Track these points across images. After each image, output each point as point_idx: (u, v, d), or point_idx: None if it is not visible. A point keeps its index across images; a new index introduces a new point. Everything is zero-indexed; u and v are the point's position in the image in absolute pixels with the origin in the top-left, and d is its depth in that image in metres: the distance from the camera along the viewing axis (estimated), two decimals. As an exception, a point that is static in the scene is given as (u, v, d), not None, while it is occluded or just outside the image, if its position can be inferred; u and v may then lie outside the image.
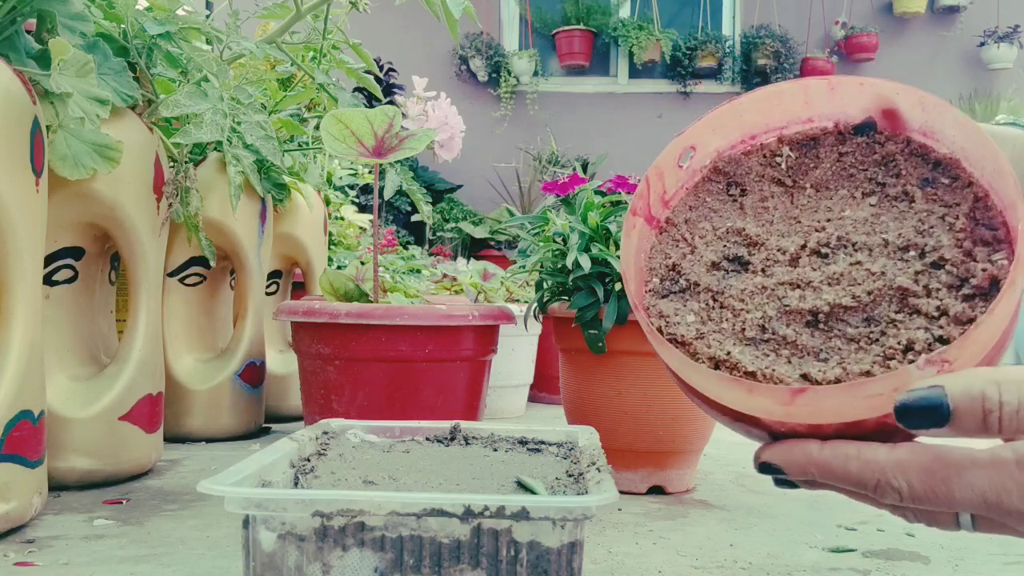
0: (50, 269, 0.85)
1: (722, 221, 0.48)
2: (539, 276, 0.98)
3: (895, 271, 0.40)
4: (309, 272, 1.41)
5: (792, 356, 0.40)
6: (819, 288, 0.41)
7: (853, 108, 0.45)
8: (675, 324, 0.45)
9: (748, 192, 0.48)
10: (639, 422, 0.89)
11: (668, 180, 0.49)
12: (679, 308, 0.46)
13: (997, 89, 4.50)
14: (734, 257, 0.46)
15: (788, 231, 0.45)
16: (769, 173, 0.48)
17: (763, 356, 0.41)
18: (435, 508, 0.42)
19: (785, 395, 0.37)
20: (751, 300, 0.43)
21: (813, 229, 0.44)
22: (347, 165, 1.73)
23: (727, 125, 0.49)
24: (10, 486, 0.68)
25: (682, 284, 0.47)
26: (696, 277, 0.46)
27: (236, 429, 1.18)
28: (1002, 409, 0.32)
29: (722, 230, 0.47)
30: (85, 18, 0.82)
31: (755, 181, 0.48)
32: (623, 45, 4.65)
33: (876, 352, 0.38)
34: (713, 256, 0.47)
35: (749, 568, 0.66)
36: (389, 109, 0.93)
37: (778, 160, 0.48)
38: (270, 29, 1.22)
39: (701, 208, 0.49)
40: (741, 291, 0.44)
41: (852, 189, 0.45)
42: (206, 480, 0.43)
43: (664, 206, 0.49)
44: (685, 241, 0.48)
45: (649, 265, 0.48)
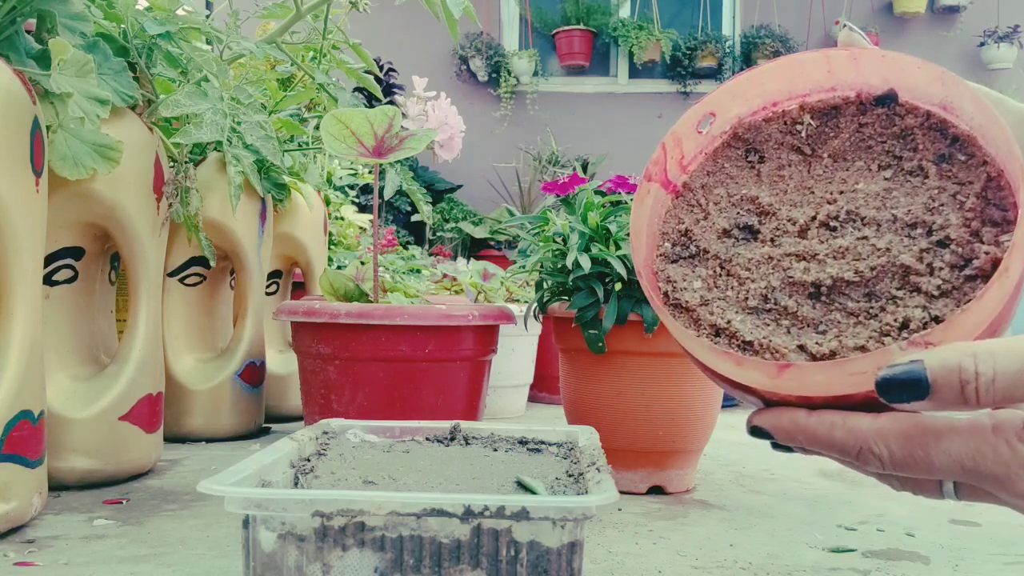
0: (50, 269, 0.85)
1: (737, 188, 0.48)
2: (539, 276, 0.98)
3: (900, 248, 0.40)
4: (309, 272, 1.41)
5: (792, 327, 0.41)
6: (824, 261, 0.42)
7: (876, 79, 0.45)
8: (681, 290, 0.45)
9: (766, 159, 0.48)
10: (639, 422, 0.89)
11: (687, 145, 0.49)
12: (687, 274, 0.46)
13: (997, 89, 4.49)
14: (745, 226, 0.46)
15: (800, 201, 0.45)
16: (789, 140, 0.48)
17: (763, 326, 0.42)
18: (435, 508, 0.42)
19: (772, 369, 0.38)
20: (757, 270, 0.44)
21: (825, 201, 0.44)
22: (347, 165, 1.73)
23: (748, 92, 0.49)
24: (10, 486, 0.68)
25: (692, 250, 0.47)
26: (706, 244, 0.47)
27: (236, 429, 1.18)
28: (978, 380, 0.32)
29: (736, 197, 0.47)
30: (85, 18, 0.82)
31: (774, 148, 0.48)
32: (623, 45, 4.65)
33: (873, 328, 0.39)
34: (725, 223, 0.47)
35: (749, 568, 0.66)
36: (389, 109, 0.93)
37: (799, 128, 0.48)
38: (270, 29, 1.22)
39: (718, 174, 0.49)
40: (748, 260, 0.45)
41: (869, 161, 0.45)
42: (206, 480, 0.43)
43: (682, 170, 0.49)
44: (700, 207, 0.48)
45: (663, 229, 0.48)
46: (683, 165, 0.49)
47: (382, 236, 2.23)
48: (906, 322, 0.38)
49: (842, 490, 0.94)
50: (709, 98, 0.48)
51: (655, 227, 0.48)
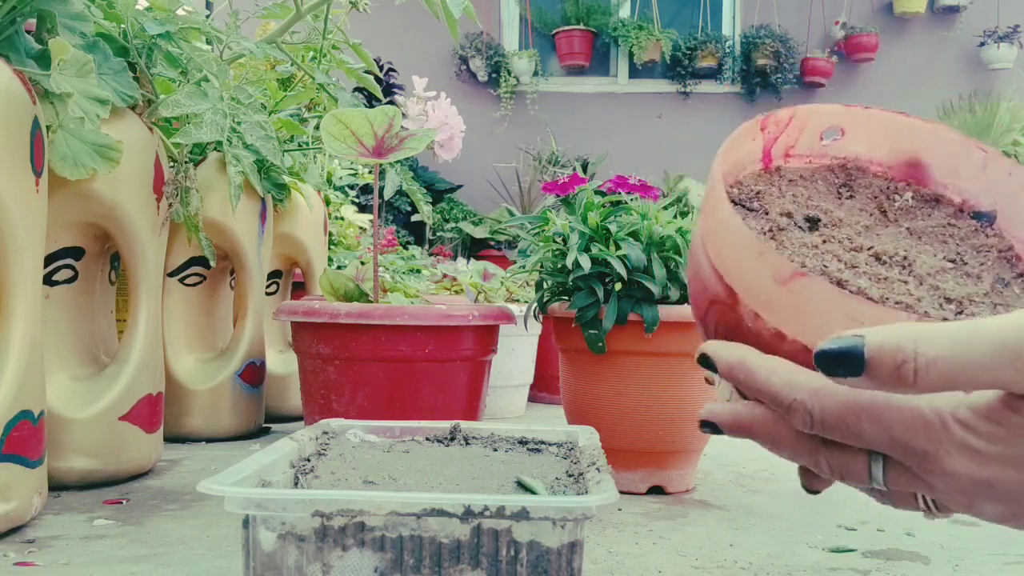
0: (50, 269, 0.85)
1: (818, 200, 0.49)
2: (539, 276, 0.98)
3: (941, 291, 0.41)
4: (309, 272, 1.41)
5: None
6: (860, 273, 0.43)
7: (987, 197, 0.46)
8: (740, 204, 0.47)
9: (854, 199, 0.49)
10: (639, 422, 0.89)
11: (803, 140, 0.50)
12: (741, 215, 0.47)
13: (997, 89, 4.49)
14: (809, 218, 0.47)
15: (864, 234, 0.47)
16: (882, 201, 0.49)
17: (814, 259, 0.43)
18: (435, 508, 0.42)
19: (786, 270, 0.38)
20: (799, 248, 0.45)
21: (885, 245, 0.45)
22: (347, 165, 1.73)
23: (879, 134, 0.49)
24: (10, 486, 0.68)
25: (754, 206, 0.48)
26: (768, 207, 0.47)
27: (236, 429, 1.18)
28: (916, 360, 0.32)
29: (813, 203, 0.49)
30: (85, 18, 0.82)
31: (866, 197, 0.49)
32: (623, 45, 4.65)
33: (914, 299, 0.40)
34: (792, 207, 0.48)
35: (749, 568, 0.66)
36: (389, 109, 0.93)
37: (897, 197, 0.49)
38: (270, 29, 1.22)
39: (808, 185, 0.50)
40: (797, 239, 0.46)
41: (938, 248, 0.45)
42: (206, 480, 0.43)
43: (784, 157, 0.50)
44: (778, 190, 0.49)
45: (737, 174, 0.49)
46: (788, 153, 0.50)
47: (382, 236, 2.23)
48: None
49: (842, 490, 0.94)
50: (851, 113, 0.49)
51: (735, 164, 0.49)
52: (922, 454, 0.33)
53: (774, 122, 0.49)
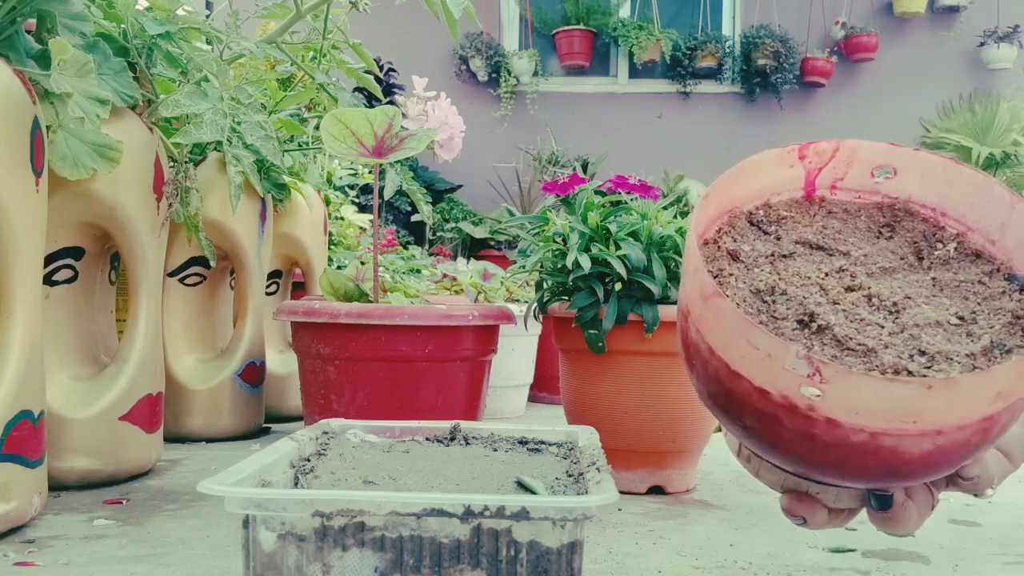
0: (50, 269, 0.85)
1: (853, 238, 0.49)
2: (539, 276, 0.98)
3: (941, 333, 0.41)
4: (309, 272, 1.41)
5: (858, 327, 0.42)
6: (854, 312, 0.42)
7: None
8: (734, 237, 0.46)
9: (893, 239, 0.49)
10: (639, 422, 0.89)
11: (852, 175, 0.49)
12: (749, 235, 0.47)
13: (997, 89, 4.49)
14: (822, 249, 0.47)
15: (879, 275, 0.46)
16: (922, 246, 0.48)
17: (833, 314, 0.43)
18: (435, 508, 0.42)
19: (708, 288, 0.39)
20: (791, 276, 0.45)
21: (897, 290, 0.44)
22: (347, 165, 1.73)
23: (935, 182, 0.48)
24: (10, 486, 0.68)
25: (769, 229, 0.48)
26: (783, 234, 0.47)
27: (236, 429, 1.18)
28: None
29: (840, 237, 0.48)
30: (85, 18, 0.82)
31: (906, 239, 0.48)
32: (623, 45, 4.65)
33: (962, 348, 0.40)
34: (811, 237, 0.48)
35: (749, 568, 0.66)
36: (389, 109, 0.93)
37: (939, 246, 0.48)
38: (270, 29, 1.22)
39: (847, 219, 0.50)
40: (793, 268, 0.46)
41: (953, 304, 0.44)
42: (206, 480, 0.43)
43: (831, 189, 0.50)
44: (808, 219, 0.49)
45: (771, 198, 0.49)
46: (835, 184, 0.50)
47: (382, 236, 2.23)
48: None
49: (842, 490, 0.94)
50: (904, 152, 0.48)
51: (765, 188, 0.49)
52: None
53: (815, 152, 0.48)
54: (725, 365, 0.40)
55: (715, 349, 0.40)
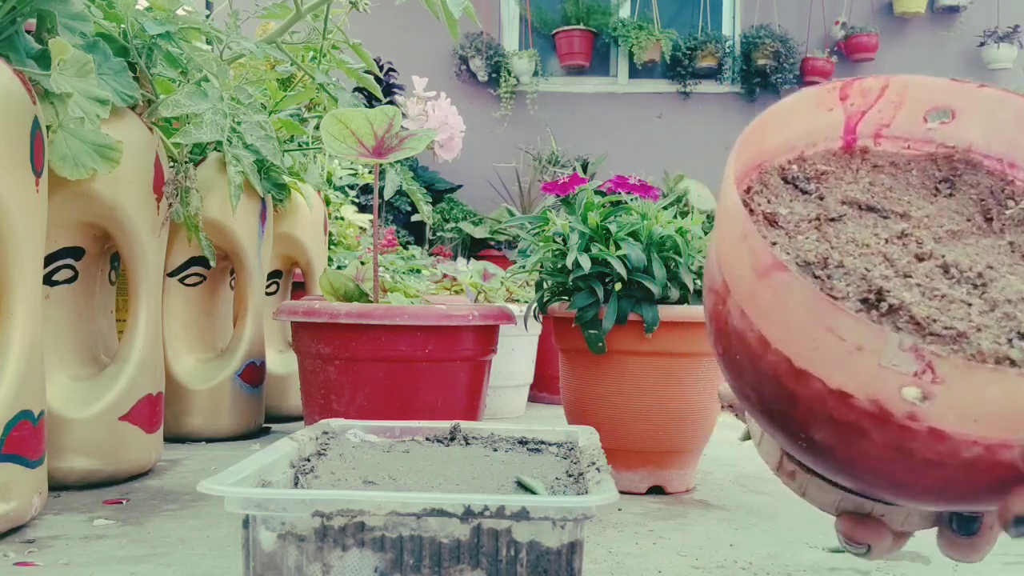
0: (50, 269, 0.85)
1: (904, 194, 0.41)
2: (539, 276, 0.98)
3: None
4: (309, 272, 1.41)
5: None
6: (910, 282, 0.35)
7: None
8: (768, 199, 0.39)
9: (954, 197, 0.41)
10: (639, 422, 0.89)
11: (901, 119, 0.41)
12: (785, 196, 0.40)
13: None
14: (875, 209, 0.39)
15: (944, 239, 0.38)
16: (991, 204, 0.40)
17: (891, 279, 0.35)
18: (435, 508, 0.42)
19: (765, 259, 0.30)
20: (845, 244, 0.37)
21: (965, 257, 0.37)
22: (347, 165, 1.73)
23: (1006, 126, 0.40)
24: (10, 486, 0.68)
25: (808, 187, 0.40)
26: (826, 192, 0.40)
27: (236, 429, 1.18)
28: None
29: (892, 195, 0.40)
30: (85, 18, 0.82)
31: (971, 198, 0.40)
32: (623, 45, 4.65)
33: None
34: (860, 196, 0.40)
35: (749, 568, 0.66)
36: (389, 109, 0.93)
37: (1010, 204, 0.40)
38: (270, 29, 1.22)
39: (897, 174, 0.42)
40: (846, 233, 0.38)
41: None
42: (206, 480, 0.43)
43: (875, 138, 0.42)
44: (852, 174, 0.41)
45: (806, 151, 0.41)
46: (879, 132, 0.42)
47: (382, 236, 2.23)
48: None
49: (842, 490, 0.94)
50: (961, 90, 0.40)
51: (798, 137, 0.41)
52: None
53: (860, 92, 0.40)
54: (786, 360, 0.32)
55: (771, 340, 0.32)
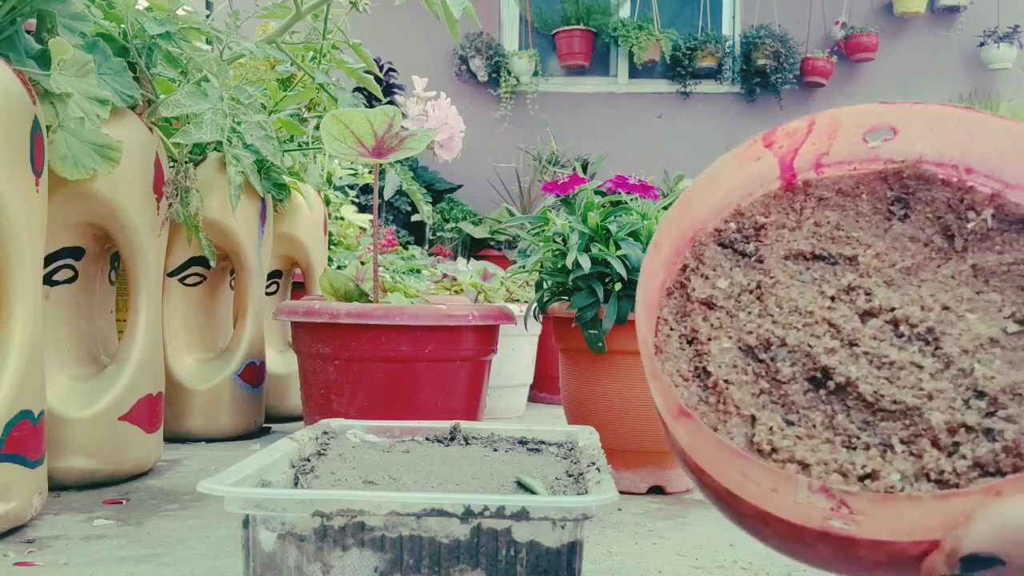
0: (50, 269, 0.85)
1: (853, 228, 0.38)
2: (539, 276, 0.98)
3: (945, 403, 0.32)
4: (309, 272, 1.41)
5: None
6: (857, 357, 0.34)
7: None
8: (704, 275, 0.38)
9: (908, 220, 0.38)
10: (639, 422, 0.89)
11: (838, 144, 0.39)
12: (724, 264, 0.38)
13: (997, 89, 4.49)
14: (824, 258, 0.38)
15: (899, 281, 0.36)
16: (949, 220, 0.37)
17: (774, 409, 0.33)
18: (435, 508, 0.42)
19: (672, 406, 0.30)
20: (788, 316, 0.36)
21: (919, 304, 0.35)
22: (347, 165, 1.73)
23: (950, 135, 0.37)
24: (10, 486, 0.68)
25: (747, 248, 0.39)
26: (765, 252, 0.38)
27: (236, 429, 1.18)
28: None
29: (843, 235, 0.38)
30: (85, 18, 0.82)
31: (926, 217, 0.38)
32: (623, 45, 4.65)
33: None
34: (805, 246, 0.38)
35: (749, 568, 0.66)
36: (389, 109, 0.93)
37: (971, 216, 0.37)
38: (270, 29, 1.22)
39: (845, 204, 0.39)
40: (790, 300, 0.36)
41: (1007, 301, 0.34)
42: (206, 480, 0.43)
43: (815, 167, 0.39)
44: (797, 218, 0.39)
45: (742, 206, 0.39)
46: (819, 162, 0.40)
47: (382, 236, 2.23)
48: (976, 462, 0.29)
49: (842, 490, 0.94)
50: (899, 108, 0.38)
51: (730, 193, 0.39)
52: None
53: (785, 134, 0.39)
54: (724, 488, 0.31)
55: (706, 470, 0.32)
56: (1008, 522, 0.25)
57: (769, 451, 0.32)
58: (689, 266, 0.38)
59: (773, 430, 0.32)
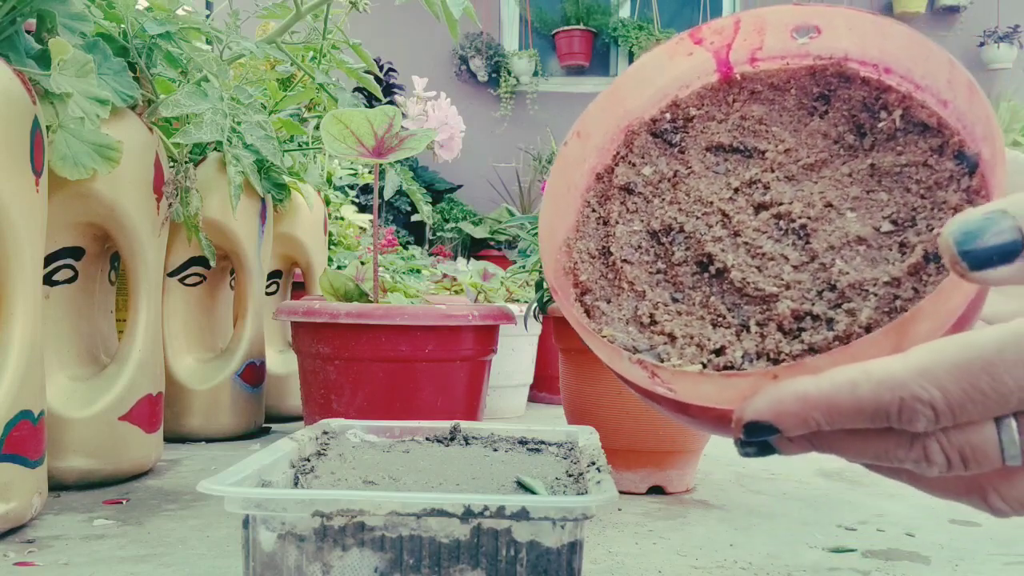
0: (50, 269, 0.85)
1: (777, 120, 0.41)
2: (539, 276, 0.98)
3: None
4: (309, 272, 1.41)
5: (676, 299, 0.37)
6: (743, 248, 0.37)
7: (981, 124, 0.34)
8: (632, 162, 0.41)
9: (828, 116, 0.40)
10: (639, 422, 0.89)
11: (769, 40, 0.41)
12: (652, 153, 0.41)
13: (997, 89, 4.49)
14: (739, 151, 0.40)
15: (799, 176, 0.39)
16: (861, 119, 0.39)
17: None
18: (435, 508, 0.42)
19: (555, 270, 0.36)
20: (692, 205, 0.39)
21: (818, 196, 0.37)
22: (347, 165, 1.73)
23: (868, 35, 0.39)
24: (10, 486, 0.68)
25: (674, 139, 0.41)
26: (688, 144, 0.41)
27: (236, 429, 1.18)
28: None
29: (764, 129, 0.40)
30: (85, 18, 0.82)
31: (841, 115, 0.40)
32: (623, 45, 4.66)
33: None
34: (726, 138, 0.41)
35: (749, 568, 0.66)
36: (389, 109, 0.93)
37: (883, 116, 0.38)
38: (270, 29, 1.22)
39: (774, 98, 0.41)
40: (697, 190, 0.39)
41: (892, 201, 0.36)
42: (206, 480, 0.43)
43: (751, 62, 0.41)
44: (725, 109, 0.41)
45: (680, 96, 0.42)
46: (754, 56, 0.41)
47: (382, 236, 2.23)
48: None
49: (842, 490, 0.94)
50: (821, 10, 0.39)
51: (671, 85, 0.41)
52: None
53: (714, 31, 0.41)
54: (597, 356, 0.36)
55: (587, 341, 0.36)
56: (776, 395, 0.29)
57: (649, 323, 0.36)
58: (619, 153, 0.41)
59: (658, 305, 0.36)
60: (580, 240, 0.40)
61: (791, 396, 0.29)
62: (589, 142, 0.41)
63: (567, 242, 0.40)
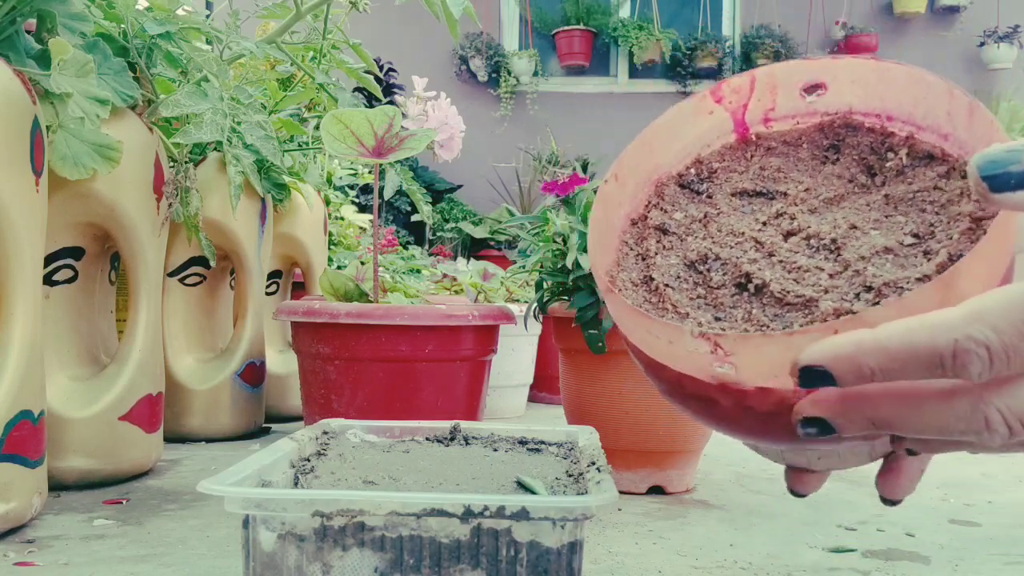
0: (50, 269, 0.85)
1: (792, 172, 0.44)
2: (539, 276, 0.98)
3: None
4: (309, 272, 1.41)
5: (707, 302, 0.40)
6: (780, 260, 0.40)
7: (983, 143, 0.37)
8: (663, 208, 0.44)
9: (840, 163, 0.44)
10: (639, 422, 0.89)
11: (781, 99, 0.45)
12: (681, 201, 0.45)
13: (997, 89, 4.49)
14: (762, 194, 0.44)
15: (820, 209, 0.42)
16: (871, 161, 0.43)
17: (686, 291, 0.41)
18: (435, 508, 0.42)
19: (602, 283, 0.38)
20: (725, 236, 0.42)
21: (830, 224, 0.40)
22: (347, 165, 1.73)
23: (871, 86, 0.43)
24: (10, 486, 0.68)
25: (700, 188, 0.45)
26: (715, 191, 0.45)
27: (236, 429, 1.18)
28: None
29: (781, 175, 0.44)
30: (85, 18, 0.82)
31: (852, 160, 0.43)
32: (623, 45, 4.65)
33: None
34: (749, 185, 0.44)
35: (749, 568, 0.66)
36: (389, 109, 0.93)
37: (889, 156, 0.42)
38: (270, 29, 1.22)
39: (789, 152, 0.45)
40: (729, 225, 0.42)
41: (910, 220, 0.39)
42: (206, 480, 0.43)
43: (764, 122, 0.46)
44: (745, 163, 0.45)
45: (703, 154, 0.46)
46: (767, 117, 0.46)
47: (382, 236, 2.23)
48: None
49: (842, 490, 0.94)
50: (824, 63, 0.44)
51: (691, 144, 0.46)
52: None
53: (732, 90, 0.45)
54: (644, 355, 0.37)
55: (628, 338, 0.38)
56: (835, 344, 0.30)
57: (698, 335, 0.38)
58: (651, 202, 0.46)
59: (702, 324, 0.38)
60: (622, 272, 0.43)
61: (846, 342, 0.30)
62: (625, 188, 0.45)
63: (609, 274, 0.43)
